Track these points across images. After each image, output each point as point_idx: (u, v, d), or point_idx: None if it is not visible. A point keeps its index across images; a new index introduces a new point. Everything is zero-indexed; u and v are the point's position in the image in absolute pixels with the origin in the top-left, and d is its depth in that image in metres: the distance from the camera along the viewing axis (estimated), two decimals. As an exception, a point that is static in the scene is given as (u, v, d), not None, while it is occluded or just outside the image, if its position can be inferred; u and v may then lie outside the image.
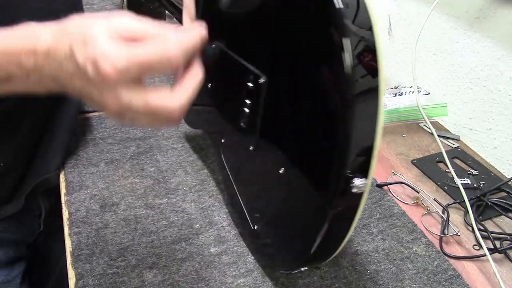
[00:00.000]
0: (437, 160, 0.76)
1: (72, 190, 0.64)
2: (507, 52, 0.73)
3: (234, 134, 0.55)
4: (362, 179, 0.37)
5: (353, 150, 0.36)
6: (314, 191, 0.41)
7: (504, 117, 0.75)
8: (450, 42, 0.83)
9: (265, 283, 0.53)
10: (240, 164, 0.56)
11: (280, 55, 0.45)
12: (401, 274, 0.55)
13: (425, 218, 0.64)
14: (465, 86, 0.82)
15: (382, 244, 0.59)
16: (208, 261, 0.55)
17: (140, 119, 0.39)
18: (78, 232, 0.58)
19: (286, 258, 0.48)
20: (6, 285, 0.67)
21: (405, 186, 0.69)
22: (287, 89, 0.44)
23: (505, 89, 0.74)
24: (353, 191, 0.37)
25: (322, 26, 0.38)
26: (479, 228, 0.60)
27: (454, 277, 0.55)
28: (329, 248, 0.43)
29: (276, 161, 0.46)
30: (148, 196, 0.64)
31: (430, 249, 0.58)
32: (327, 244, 0.42)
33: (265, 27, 0.47)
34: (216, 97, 0.59)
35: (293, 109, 0.43)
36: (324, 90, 0.38)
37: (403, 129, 0.84)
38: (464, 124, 0.83)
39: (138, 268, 0.54)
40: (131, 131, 0.77)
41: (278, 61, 0.45)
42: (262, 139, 0.48)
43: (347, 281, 0.53)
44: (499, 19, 0.73)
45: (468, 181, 0.71)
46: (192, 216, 0.61)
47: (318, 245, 0.41)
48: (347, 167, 0.37)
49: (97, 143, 0.73)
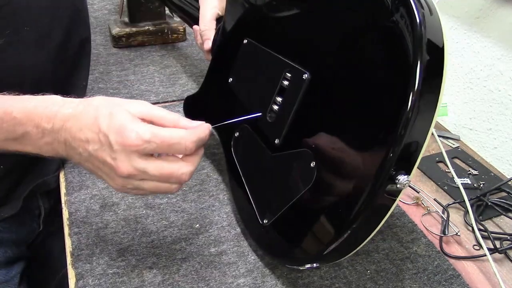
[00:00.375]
0: (437, 160, 0.76)
1: (72, 190, 0.64)
2: (507, 52, 0.73)
3: (254, 128, 0.56)
4: (405, 176, 0.37)
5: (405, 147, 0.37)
6: (351, 186, 0.41)
7: (504, 117, 0.75)
8: (450, 42, 0.83)
9: (265, 283, 0.53)
10: (255, 157, 0.56)
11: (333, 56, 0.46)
12: (401, 274, 0.55)
13: (425, 218, 0.64)
14: (465, 86, 0.82)
15: (382, 244, 0.59)
16: (208, 261, 0.55)
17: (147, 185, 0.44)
18: (78, 232, 0.58)
19: (296, 254, 0.48)
20: (4, 285, 0.67)
21: (405, 186, 0.69)
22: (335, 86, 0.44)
23: (505, 89, 0.74)
24: (397, 187, 0.37)
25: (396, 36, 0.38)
26: (479, 228, 0.60)
27: (454, 277, 0.55)
28: (348, 247, 0.43)
29: (307, 154, 0.46)
30: (148, 196, 0.64)
31: (430, 249, 0.58)
32: (348, 243, 0.42)
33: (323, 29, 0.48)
34: (238, 91, 0.60)
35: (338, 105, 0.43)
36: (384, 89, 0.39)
37: (403, 129, 0.84)
38: (464, 124, 0.83)
39: (138, 268, 0.54)
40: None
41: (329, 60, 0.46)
42: (291, 133, 0.49)
43: (347, 281, 0.53)
44: (499, 19, 0.73)
45: (468, 181, 0.71)
46: (192, 216, 0.61)
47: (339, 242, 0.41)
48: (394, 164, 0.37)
49: (97, 143, 0.73)
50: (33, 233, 0.73)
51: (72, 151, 0.44)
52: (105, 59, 0.98)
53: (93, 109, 0.43)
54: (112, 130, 0.41)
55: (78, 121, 0.43)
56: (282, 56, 0.52)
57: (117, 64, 0.97)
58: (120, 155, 0.41)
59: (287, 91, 0.50)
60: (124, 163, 0.41)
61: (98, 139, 0.42)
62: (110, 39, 1.06)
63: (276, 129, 0.51)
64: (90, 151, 0.42)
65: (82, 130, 0.43)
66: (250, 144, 0.57)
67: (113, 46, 1.04)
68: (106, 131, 0.41)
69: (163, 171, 0.43)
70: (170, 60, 1.01)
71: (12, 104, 0.45)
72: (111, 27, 1.05)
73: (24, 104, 0.45)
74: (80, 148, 0.43)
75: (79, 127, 0.43)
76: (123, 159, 0.41)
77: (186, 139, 0.43)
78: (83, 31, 0.72)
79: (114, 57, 1.00)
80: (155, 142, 0.41)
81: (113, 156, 0.41)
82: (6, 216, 0.64)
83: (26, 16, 0.57)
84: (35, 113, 0.44)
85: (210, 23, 0.71)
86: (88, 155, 0.43)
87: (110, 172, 0.43)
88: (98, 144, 0.42)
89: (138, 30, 1.04)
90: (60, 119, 0.43)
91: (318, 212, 0.45)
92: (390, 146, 0.37)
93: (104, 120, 0.42)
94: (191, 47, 1.07)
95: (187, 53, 1.04)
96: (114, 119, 0.42)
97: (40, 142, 0.44)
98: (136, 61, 0.99)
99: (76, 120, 0.43)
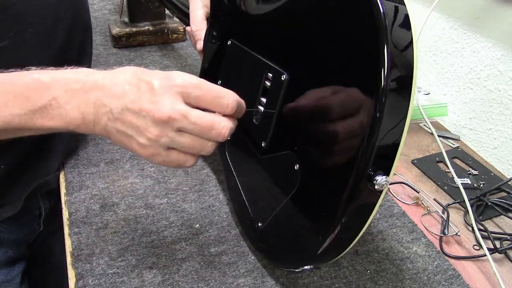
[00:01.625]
0: (437, 160, 0.76)
1: (72, 190, 0.64)
2: (507, 52, 0.73)
3: (243, 130, 0.56)
4: (384, 177, 0.37)
5: (379, 147, 0.37)
6: (332, 187, 0.41)
7: (504, 117, 0.75)
8: (450, 42, 0.83)
9: (265, 283, 0.53)
10: (246, 160, 0.56)
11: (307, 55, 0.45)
12: (401, 274, 0.55)
13: (425, 218, 0.64)
14: (465, 86, 0.82)
15: (382, 244, 0.59)
16: (208, 261, 0.55)
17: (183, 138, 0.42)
18: (78, 232, 0.58)
19: (291, 256, 0.48)
20: (6, 285, 0.67)
21: (405, 186, 0.69)
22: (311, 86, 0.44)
23: (505, 89, 0.74)
24: (375, 188, 0.37)
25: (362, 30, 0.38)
26: (479, 228, 0.60)
27: (454, 277, 0.55)
28: (338, 247, 0.43)
29: (291, 157, 0.46)
30: (148, 196, 0.64)
31: (430, 249, 0.58)
32: (337, 243, 0.42)
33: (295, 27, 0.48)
34: None
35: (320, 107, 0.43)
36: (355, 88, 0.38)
37: (403, 129, 0.84)
38: (464, 124, 0.83)
39: (138, 268, 0.54)
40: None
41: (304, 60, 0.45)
42: (276, 136, 0.49)
43: (347, 281, 0.53)
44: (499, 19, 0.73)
45: (468, 181, 0.71)
46: (192, 216, 0.61)
47: (328, 244, 0.41)
48: (371, 164, 0.37)
49: (97, 143, 0.74)
50: (34, 233, 0.73)
51: (102, 110, 0.42)
52: (105, 59, 0.98)
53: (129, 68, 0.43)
54: (157, 77, 0.41)
55: (113, 79, 0.42)
56: (263, 57, 0.51)
57: (117, 64, 0.97)
58: (162, 97, 0.40)
59: (269, 93, 0.50)
60: (165, 105, 0.40)
61: (137, 89, 0.41)
62: (110, 39, 1.06)
63: (262, 131, 0.50)
64: (125, 103, 0.41)
65: (117, 86, 0.41)
66: (242, 147, 0.57)
67: (113, 46, 1.04)
68: (149, 79, 0.41)
69: (205, 119, 0.41)
70: (170, 60, 1.01)
71: (39, 72, 0.43)
72: (111, 27, 1.05)
73: (53, 71, 0.43)
74: (112, 104, 0.41)
75: (114, 82, 0.41)
76: (165, 101, 0.40)
77: (230, 95, 0.42)
78: (84, 32, 0.72)
79: (114, 57, 1.00)
80: (202, 89, 0.41)
81: (154, 100, 0.40)
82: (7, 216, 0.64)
83: (29, 18, 0.57)
84: (63, 77, 0.42)
85: (201, 23, 0.70)
86: (121, 109, 0.41)
87: (145, 123, 0.41)
88: (136, 94, 0.40)
89: (138, 30, 1.04)
90: (91, 80, 0.42)
91: (306, 215, 0.45)
92: (362, 144, 0.37)
93: (146, 72, 0.41)
94: (191, 47, 1.07)
95: (187, 53, 1.04)
96: (157, 72, 0.41)
97: (68, 107, 0.42)
98: (136, 61, 0.99)
99: (109, 79, 0.42)
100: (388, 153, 0.38)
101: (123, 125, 0.42)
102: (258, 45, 0.53)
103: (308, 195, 0.45)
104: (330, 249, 0.42)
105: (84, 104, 0.42)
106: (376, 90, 0.36)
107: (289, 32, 0.48)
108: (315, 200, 0.44)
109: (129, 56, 1.01)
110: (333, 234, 0.40)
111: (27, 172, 0.65)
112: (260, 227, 0.52)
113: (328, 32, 0.43)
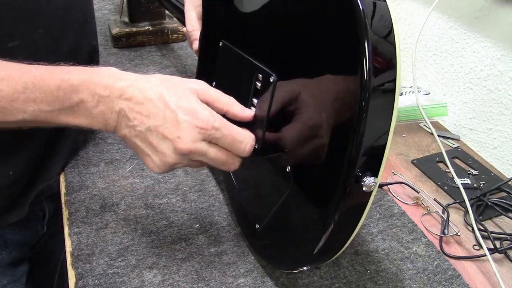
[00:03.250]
0: (437, 160, 0.76)
1: (72, 190, 0.64)
2: (507, 52, 0.73)
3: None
4: (372, 178, 0.37)
5: (365, 148, 0.37)
6: (322, 189, 0.41)
7: (504, 117, 0.75)
8: (450, 42, 0.83)
9: (265, 283, 0.53)
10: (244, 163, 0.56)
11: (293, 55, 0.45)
12: (401, 274, 0.55)
13: (425, 218, 0.64)
14: (465, 86, 0.82)
15: (382, 244, 0.59)
16: (208, 261, 0.55)
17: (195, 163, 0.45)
18: (78, 232, 0.58)
19: (288, 257, 0.48)
20: (12, 285, 0.68)
21: (405, 186, 0.69)
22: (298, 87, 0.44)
23: (505, 89, 0.74)
24: (363, 189, 0.37)
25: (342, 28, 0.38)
26: (479, 228, 0.60)
27: (454, 277, 0.55)
28: (333, 247, 0.43)
29: (283, 159, 0.46)
30: (148, 196, 0.64)
31: (430, 249, 0.58)
32: (332, 244, 0.42)
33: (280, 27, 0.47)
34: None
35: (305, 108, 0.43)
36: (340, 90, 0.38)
37: (403, 129, 0.84)
38: (464, 124, 0.83)
39: (138, 268, 0.54)
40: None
41: (291, 61, 0.45)
42: (268, 137, 0.48)
43: (347, 281, 0.53)
44: (499, 19, 0.73)
45: (468, 181, 0.71)
46: (192, 216, 0.61)
47: (322, 244, 0.41)
48: (358, 165, 0.37)
49: (97, 143, 0.74)
50: (37, 234, 0.73)
51: (125, 122, 0.44)
52: (105, 59, 0.98)
53: (155, 84, 0.44)
54: (182, 109, 0.42)
55: (140, 94, 0.43)
56: (253, 58, 0.51)
57: (117, 64, 0.97)
58: (185, 133, 0.42)
59: (260, 95, 0.49)
60: (187, 142, 0.42)
61: (162, 115, 0.42)
62: (110, 39, 1.06)
63: (255, 133, 0.50)
64: (149, 126, 0.43)
65: (143, 104, 0.43)
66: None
67: (113, 46, 1.04)
68: (174, 109, 0.42)
69: (220, 159, 0.45)
70: (170, 60, 1.01)
71: (69, 71, 0.44)
72: (111, 27, 1.05)
73: (82, 71, 0.44)
74: (136, 120, 0.43)
75: (140, 100, 0.43)
76: (187, 138, 0.42)
77: (248, 140, 0.45)
78: (91, 39, 0.73)
79: (114, 57, 1.00)
80: (222, 132, 0.43)
81: (178, 135, 0.42)
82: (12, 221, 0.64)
83: (38, 18, 0.57)
84: (92, 81, 0.43)
85: (196, 23, 0.70)
86: (144, 129, 0.43)
87: (167, 149, 0.43)
88: (161, 120, 0.42)
89: (138, 30, 1.04)
90: (118, 88, 0.43)
91: (300, 216, 0.46)
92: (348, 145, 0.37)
93: (172, 98, 0.43)
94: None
95: (187, 53, 1.04)
96: (183, 99, 0.43)
97: (94, 111, 0.44)
98: (136, 61, 0.99)
99: (137, 92, 0.43)
100: (375, 154, 0.37)
101: (143, 143, 0.44)
102: (248, 46, 0.53)
103: (301, 197, 0.45)
104: (325, 250, 0.42)
105: (109, 112, 0.44)
106: (359, 90, 0.35)
107: (275, 32, 0.48)
108: (307, 201, 0.44)
109: (129, 56, 1.01)
110: (327, 235, 0.40)
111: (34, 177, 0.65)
112: (258, 229, 0.52)
113: (310, 31, 0.42)
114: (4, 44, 0.54)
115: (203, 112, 0.43)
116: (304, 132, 0.43)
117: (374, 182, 0.37)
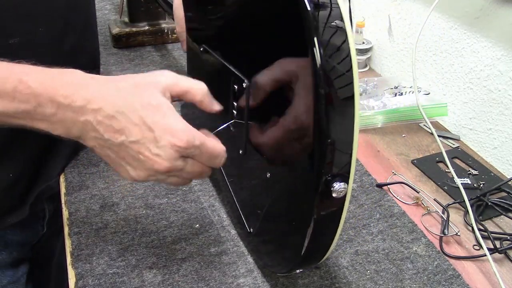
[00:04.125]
0: (437, 160, 0.76)
1: (72, 190, 0.64)
2: (507, 52, 0.73)
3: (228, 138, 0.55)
4: (341, 184, 0.37)
5: (330, 154, 0.36)
6: (298, 195, 0.41)
7: (504, 117, 0.75)
8: (450, 42, 0.83)
9: (265, 283, 0.53)
10: (233, 168, 0.56)
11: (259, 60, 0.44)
12: (401, 274, 0.55)
13: (425, 218, 0.64)
14: (465, 86, 0.82)
15: (382, 244, 0.59)
16: (208, 261, 0.55)
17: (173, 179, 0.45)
18: (78, 232, 0.58)
19: (280, 261, 0.48)
20: (12, 285, 0.68)
21: (405, 186, 0.69)
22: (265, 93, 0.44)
23: (505, 89, 0.74)
24: (333, 195, 0.37)
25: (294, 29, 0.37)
26: (479, 228, 0.60)
27: (454, 277, 0.55)
28: (319, 250, 0.43)
29: (263, 165, 0.46)
30: (148, 196, 0.64)
31: (430, 249, 0.58)
32: (316, 247, 0.42)
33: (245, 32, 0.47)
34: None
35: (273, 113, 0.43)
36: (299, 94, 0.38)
37: (403, 129, 0.84)
38: (464, 124, 0.83)
39: (138, 268, 0.54)
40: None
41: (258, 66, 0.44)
42: (249, 144, 0.48)
43: (347, 281, 0.53)
44: (499, 19, 0.73)
45: (468, 181, 0.71)
46: (192, 216, 0.61)
47: (307, 247, 0.41)
48: (326, 172, 0.37)
49: (97, 143, 0.73)
50: (37, 235, 0.73)
51: (92, 134, 0.41)
52: (105, 59, 0.98)
53: (126, 93, 0.41)
54: (160, 127, 0.40)
55: (109, 106, 0.40)
56: (229, 63, 0.50)
57: (117, 64, 0.97)
58: (164, 152, 0.41)
59: (238, 100, 0.49)
60: (165, 161, 0.41)
61: (139, 132, 0.40)
62: (110, 39, 1.06)
63: (238, 139, 0.50)
64: (123, 141, 0.41)
65: (114, 118, 0.40)
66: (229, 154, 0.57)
67: (113, 46, 1.04)
68: (151, 126, 0.40)
69: (196, 172, 0.45)
70: (170, 60, 1.01)
71: (28, 73, 0.41)
72: (111, 27, 1.05)
73: (41, 74, 0.41)
74: (107, 134, 0.40)
75: (110, 113, 0.40)
76: (166, 157, 0.41)
77: (222, 154, 0.45)
78: (93, 41, 0.72)
79: (114, 57, 1.00)
80: (200, 150, 0.43)
81: (156, 152, 0.41)
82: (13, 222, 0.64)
83: (40, 16, 0.57)
84: (51, 85, 0.40)
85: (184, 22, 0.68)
86: (118, 143, 0.41)
87: (142, 165, 0.42)
88: (138, 137, 0.40)
89: (138, 30, 1.04)
90: (82, 97, 0.40)
91: (285, 220, 0.46)
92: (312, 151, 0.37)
93: (148, 113, 0.40)
94: (191, 47, 1.07)
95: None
96: (158, 113, 0.41)
97: (53, 118, 0.41)
98: (136, 61, 0.99)
99: (105, 104, 0.40)
100: (341, 160, 0.37)
101: (116, 155, 0.42)
102: (224, 51, 0.52)
103: (282, 203, 0.45)
104: (311, 253, 0.43)
105: (70, 121, 0.41)
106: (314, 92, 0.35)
107: (245, 37, 0.48)
108: (288, 207, 0.45)
109: (129, 56, 1.01)
110: (308, 240, 0.40)
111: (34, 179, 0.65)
112: (252, 233, 0.53)
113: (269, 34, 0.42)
114: (4, 41, 0.54)
115: (182, 131, 0.41)
116: (275, 138, 0.43)
117: (344, 188, 0.37)
